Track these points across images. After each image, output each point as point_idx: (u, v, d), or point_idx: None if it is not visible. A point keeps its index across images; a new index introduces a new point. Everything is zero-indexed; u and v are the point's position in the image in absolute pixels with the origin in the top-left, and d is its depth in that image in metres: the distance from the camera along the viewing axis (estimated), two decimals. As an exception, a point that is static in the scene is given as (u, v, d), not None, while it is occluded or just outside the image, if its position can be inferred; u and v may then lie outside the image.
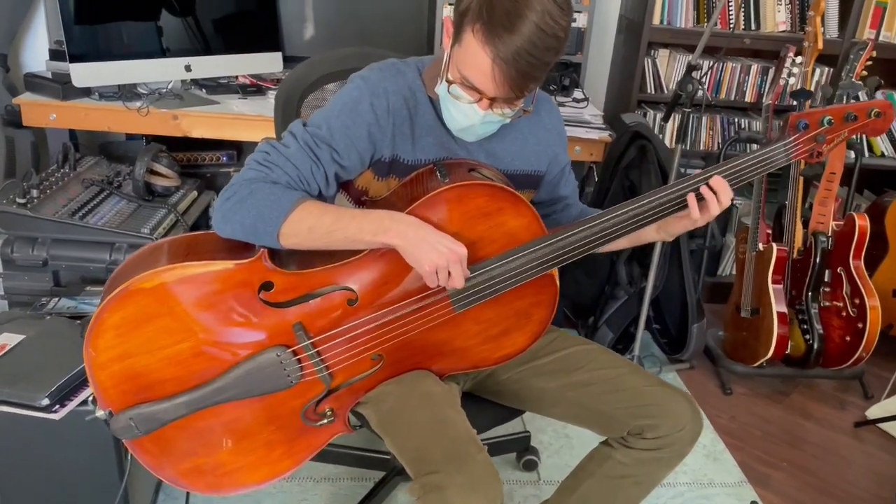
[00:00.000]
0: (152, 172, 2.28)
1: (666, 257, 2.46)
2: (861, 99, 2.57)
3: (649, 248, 2.45)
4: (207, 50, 2.47)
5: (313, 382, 1.37)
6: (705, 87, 2.34)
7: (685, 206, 1.37)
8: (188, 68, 2.42)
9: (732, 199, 1.38)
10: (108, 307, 1.25)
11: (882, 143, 2.98)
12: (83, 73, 2.24)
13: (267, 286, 1.30)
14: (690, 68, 2.17)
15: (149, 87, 2.48)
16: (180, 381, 1.32)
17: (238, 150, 2.76)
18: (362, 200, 1.44)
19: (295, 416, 1.39)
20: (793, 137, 1.41)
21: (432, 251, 1.24)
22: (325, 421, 1.41)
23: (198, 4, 2.45)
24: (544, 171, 1.54)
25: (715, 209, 1.37)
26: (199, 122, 2.41)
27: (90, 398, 1.50)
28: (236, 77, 2.65)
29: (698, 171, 1.40)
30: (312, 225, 1.26)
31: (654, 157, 2.38)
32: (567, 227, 1.36)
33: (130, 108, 2.34)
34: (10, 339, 1.63)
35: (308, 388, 1.37)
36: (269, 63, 2.57)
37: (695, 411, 1.48)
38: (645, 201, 1.37)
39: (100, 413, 1.33)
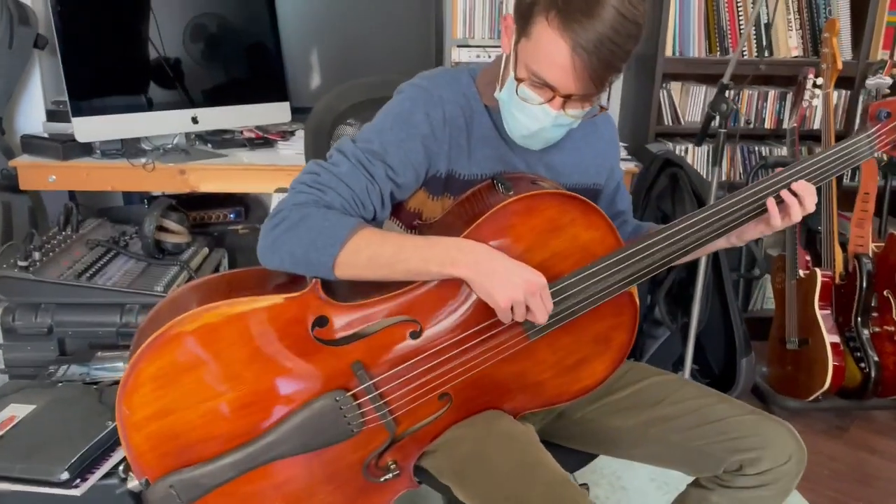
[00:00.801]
0: (161, 229, 2.14)
1: (707, 290, 2.33)
2: None
3: (689, 280, 2.33)
4: (214, 101, 2.36)
5: (376, 430, 1.20)
6: (736, 109, 2.27)
7: (765, 211, 1.27)
8: (195, 120, 2.31)
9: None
10: (146, 356, 1.10)
11: (904, 165, 2.91)
12: (86, 128, 2.12)
13: (321, 322, 1.15)
14: (723, 88, 2.09)
15: (152, 144, 2.36)
16: (227, 438, 1.15)
17: (245, 206, 2.64)
18: (414, 225, 1.31)
19: (356, 471, 1.22)
20: (875, 128, 1.33)
21: (507, 284, 1.11)
22: (390, 476, 1.24)
23: (204, 57, 2.36)
24: (603, 184, 1.42)
25: (797, 214, 1.27)
26: (207, 176, 2.28)
27: (121, 467, 1.31)
28: (241, 132, 2.55)
29: (780, 168, 1.30)
30: (372, 255, 1.12)
31: (688, 183, 2.28)
32: (643, 238, 1.24)
33: (135, 165, 2.21)
34: (18, 411, 1.45)
35: (370, 438, 1.21)
36: (277, 113, 2.47)
37: (798, 441, 1.33)
38: (724, 205, 1.26)
39: (133, 484, 1.15)
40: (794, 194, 1.26)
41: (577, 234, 1.21)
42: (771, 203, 1.26)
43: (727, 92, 2.09)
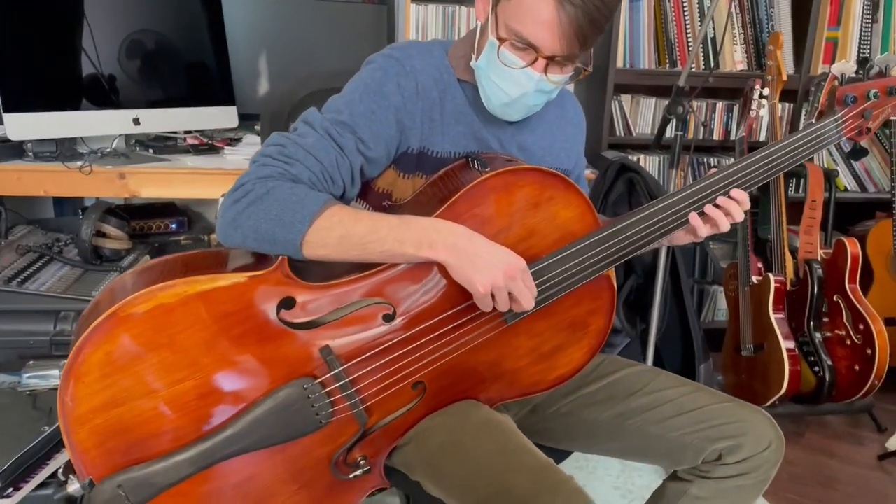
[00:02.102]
0: (99, 235, 2.01)
1: (665, 296, 2.32)
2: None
3: (646, 287, 2.32)
4: (157, 103, 2.25)
5: (346, 421, 1.12)
6: (690, 113, 2.29)
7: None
8: (136, 121, 2.19)
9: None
10: (92, 341, 0.99)
11: (845, 179, 2.99)
12: (20, 126, 1.98)
13: (287, 303, 1.07)
14: (679, 91, 2.10)
15: (89, 147, 2.23)
16: (182, 432, 1.05)
17: (188, 217, 2.52)
18: (384, 206, 1.24)
19: (323, 468, 1.13)
20: (843, 112, 1.34)
21: (487, 268, 1.06)
22: (359, 472, 1.15)
23: (141, 73, 2.24)
24: (571, 169, 1.39)
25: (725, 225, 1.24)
26: (149, 180, 2.16)
27: (60, 470, 1.19)
28: (184, 138, 2.44)
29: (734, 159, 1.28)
30: (344, 234, 1.05)
31: (644, 188, 2.28)
32: (622, 218, 1.20)
33: (71, 168, 2.08)
34: (-60, 419, 1.31)
35: (340, 431, 1.12)
36: (224, 117, 2.37)
37: (776, 428, 1.30)
38: (701, 185, 1.23)
39: (75, 487, 1.03)
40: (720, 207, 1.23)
41: (556, 212, 1.16)
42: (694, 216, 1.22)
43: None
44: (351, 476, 1.14)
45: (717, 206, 1.23)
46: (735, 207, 1.23)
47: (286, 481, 1.11)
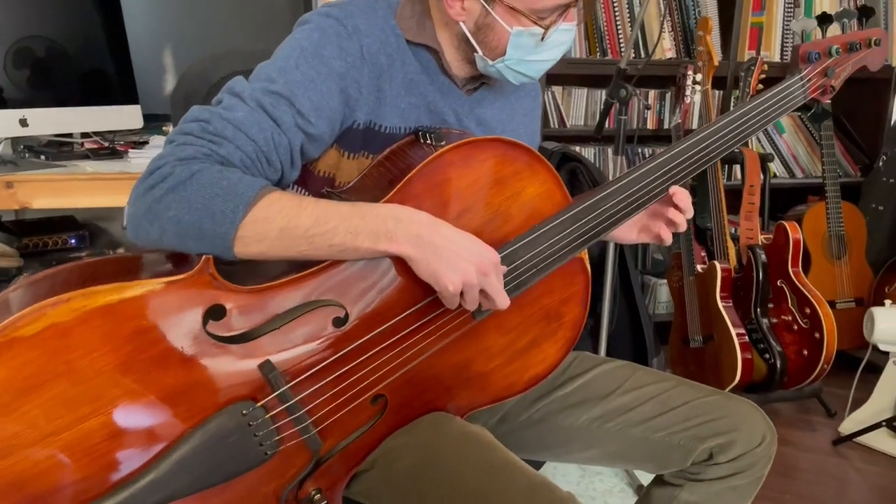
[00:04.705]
0: (-16, 253, 1.75)
1: (615, 290, 2.22)
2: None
3: (594, 282, 2.21)
4: (49, 102, 1.99)
5: (295, 450, 0.94)
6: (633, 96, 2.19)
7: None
8: (24, 122, 1.92)
9: None
10: (-36, 372, 0.78)
11: (775, 165, 2.98)
12: None
13: (216, 313, 0.88)
14: (620, 73, 2.01)
15: (-33, 156, 1.96)
16: (90, 482, 0.85)
17: (89, 231, 2.26)
18: (324, 193, 1.06)
19: (269, 508, 0.94)
20: (807, 70, 1.27)
21: (456, 262, 0.91)
22: (314, 508, 0.97)
23: (35, 70, 1.98)
24: (529, 144, 1.26)
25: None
26: (41, 189, 1.89)
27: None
28: (82, 143, 2.19)
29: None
30: (285, 226, 0.88)
31: (587, 178, 2.18)
32: (594, 192, 1.08)
33: (-54, 179, 1.81)
34: None
35: (288, 461, 0.94)
36: (127, 118, 2.13)
37: (768, 420, 1.19)
38: (675, 151, 1.12)
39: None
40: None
41: (522, 188, 1.02)
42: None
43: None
44: (304, 514, 0.96)
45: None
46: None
47: (226, 529, 0.92)
